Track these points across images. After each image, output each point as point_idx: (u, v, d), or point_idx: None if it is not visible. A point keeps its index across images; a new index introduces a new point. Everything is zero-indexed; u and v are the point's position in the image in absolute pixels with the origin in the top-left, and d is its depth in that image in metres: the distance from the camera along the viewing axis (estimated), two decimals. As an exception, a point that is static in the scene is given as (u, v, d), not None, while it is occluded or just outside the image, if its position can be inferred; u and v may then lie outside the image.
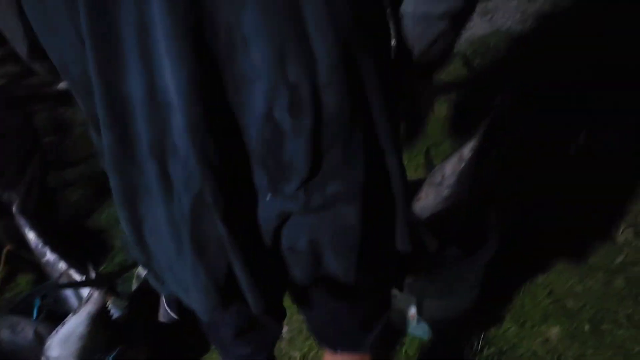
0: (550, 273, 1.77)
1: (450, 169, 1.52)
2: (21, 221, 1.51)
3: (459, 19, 0.75)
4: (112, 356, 1.27)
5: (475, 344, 1.56)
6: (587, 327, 1.61)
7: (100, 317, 1.21)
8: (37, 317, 1.38)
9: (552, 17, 2.99)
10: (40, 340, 1.26)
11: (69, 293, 1.41)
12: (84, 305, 1.21)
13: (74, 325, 1.19)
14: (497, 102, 1.49)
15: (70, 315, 1.20)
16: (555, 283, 1.74)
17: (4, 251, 1.56)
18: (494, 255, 1.47)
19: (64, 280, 1.41)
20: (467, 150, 1.49)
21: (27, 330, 1.30)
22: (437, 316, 1.57)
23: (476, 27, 2.99)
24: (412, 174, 1.59)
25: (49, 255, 1.44)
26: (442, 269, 1.43)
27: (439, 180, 1.53)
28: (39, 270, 1.53)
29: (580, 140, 2.07)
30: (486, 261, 1.45)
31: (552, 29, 2.90)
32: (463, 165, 1.49)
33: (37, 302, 1.39)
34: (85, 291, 1.31)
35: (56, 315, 1.37)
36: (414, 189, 1.57)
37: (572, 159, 2.08)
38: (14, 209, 1.56)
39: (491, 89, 2.31)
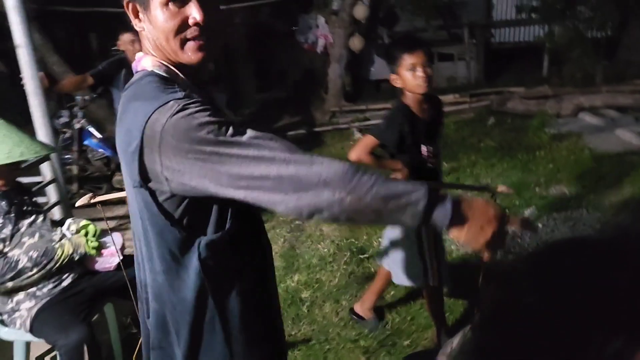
0: None
1: (457, 342, 1.96)
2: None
3: None
4: None
5: None
6: None
7: None
8: None
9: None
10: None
11: None
12: None
13: None
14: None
15: None
16: None
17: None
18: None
19: None
20: (467, 329, 1.94)
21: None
22: None
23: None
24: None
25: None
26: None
27: (449, 351, 1.98)
28: None
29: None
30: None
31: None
32: (465, 340, 1.94)
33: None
34: None
35: None
36: (431, 358, 2.03)
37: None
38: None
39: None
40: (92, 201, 1.63)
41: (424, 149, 2.32)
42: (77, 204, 1.71)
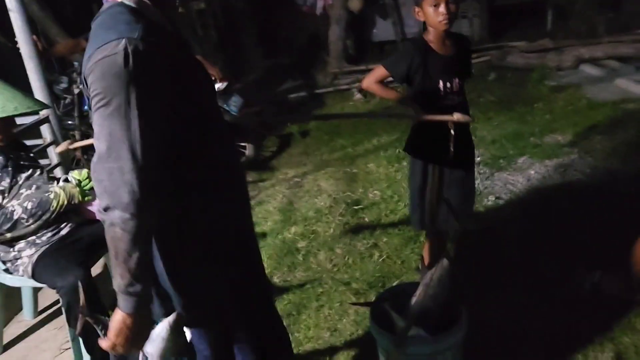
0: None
1: (435, 273, 2.04)
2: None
3: None
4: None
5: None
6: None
7: (176, 327, 1.93)
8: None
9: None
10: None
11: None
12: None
13: (159, 329, 1.92)
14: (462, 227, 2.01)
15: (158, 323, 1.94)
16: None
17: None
18: (463, 346, 1.94)
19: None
20: (445, 261, 2.02)
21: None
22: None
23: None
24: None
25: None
26: (411, 345, 1.92)
27: (427, 281, 2.06)
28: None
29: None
30: (450, 344, 1.90)
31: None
32: (442, 271, 2.02)
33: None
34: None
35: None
36: (414, 289, 2.11)
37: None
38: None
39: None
40: (71, 147, 1.71)
41: (441, 84, 2.29)
42: (56, 150, 1.79)
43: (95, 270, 3.16)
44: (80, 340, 2.36)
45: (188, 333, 2.03)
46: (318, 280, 2.95)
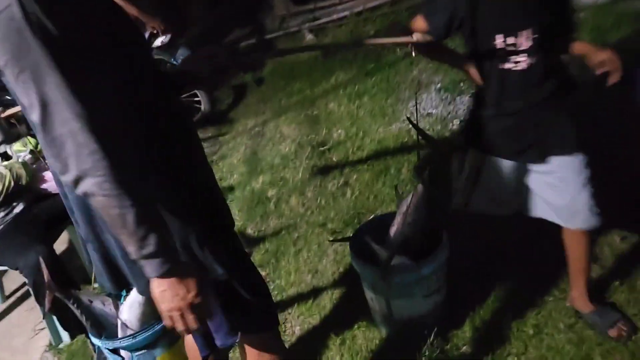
0: (510, 295, 2.12)
1: (411, 201, 2.00)
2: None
3: None
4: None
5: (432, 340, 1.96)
6: (531, 331, 1.94)
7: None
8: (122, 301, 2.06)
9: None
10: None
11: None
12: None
13: (134, 294, 1.83)
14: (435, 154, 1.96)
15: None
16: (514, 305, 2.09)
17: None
18: (446, 268, 1.92)
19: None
20: (420, 187, 1.97)
21: (112, 305, 1.97)
22: (404, 315, 2.00)
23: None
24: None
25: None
26: (396, 274, 1.89)
27: (404, 209, 2.01)
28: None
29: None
30: (434, 268, 1.88)
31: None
32: (418, 198, 1.97)
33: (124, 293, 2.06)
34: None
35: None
36: (391, 219, 2.06)
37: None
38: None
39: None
40: (2, 115, 1.58)
41: (499, 39, 1.60)
42: None
43: (61, 246, 3.04)
44: (54, 317, 2.26)
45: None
46: (293, 226, 2.89)
